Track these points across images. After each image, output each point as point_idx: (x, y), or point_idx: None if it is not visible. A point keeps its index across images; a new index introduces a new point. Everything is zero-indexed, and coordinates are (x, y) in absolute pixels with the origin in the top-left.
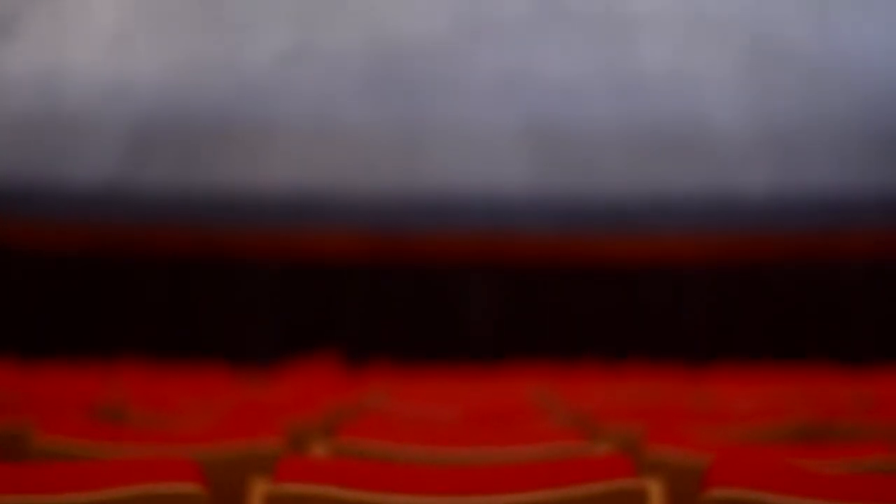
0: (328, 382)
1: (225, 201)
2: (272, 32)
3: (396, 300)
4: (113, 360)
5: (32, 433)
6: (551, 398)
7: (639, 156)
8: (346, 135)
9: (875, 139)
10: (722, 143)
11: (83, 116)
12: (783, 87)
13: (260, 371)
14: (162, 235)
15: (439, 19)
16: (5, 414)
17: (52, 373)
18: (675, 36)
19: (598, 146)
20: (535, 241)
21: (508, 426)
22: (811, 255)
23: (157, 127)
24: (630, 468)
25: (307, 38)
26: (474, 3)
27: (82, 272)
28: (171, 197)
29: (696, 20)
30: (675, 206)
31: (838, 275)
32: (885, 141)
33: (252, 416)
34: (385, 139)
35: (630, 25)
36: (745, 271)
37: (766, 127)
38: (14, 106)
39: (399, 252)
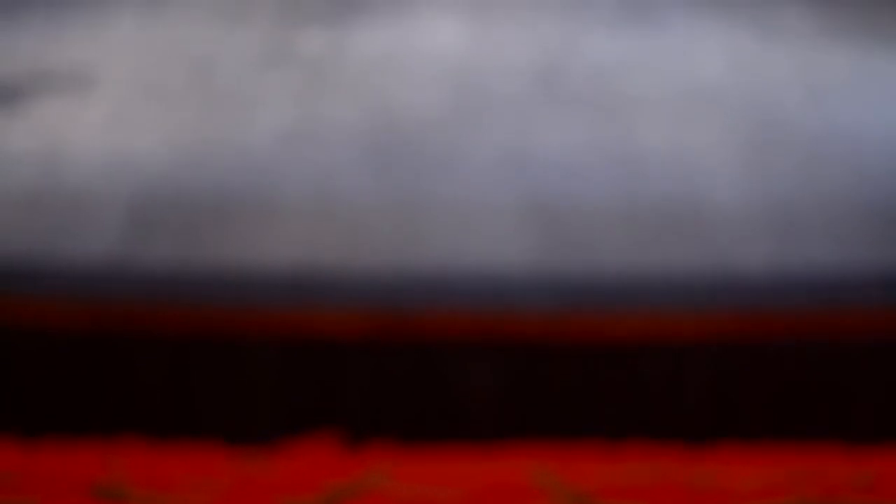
0: (328, 462)
1: (225, 279)
2: (273, 110)
3: (397, 378)
4: (113, 438)
5: None
6: (552, 477)
7: (639, 233)
8: (346, 213)
9: (874, 217)
10: (722, 221)
11: (83, 194)
12: (782, 166)
13: (260, 450)
14: (162, 313)
15: (440, 98)
16: (6, 493)
17: (53, 451)
18: (675, 116)
19: (598, 224)
20: (535, 319)
21: None
22: (811, 332)
23: (157, 204)
24: None
25: (308, 116)
26: (474, 82)
27: (82, 350)
28: (172, 274)
29: (695, 100)
30: (676, 283)
31: (839, 353)
32: (884, 218)
33: (252, 496)
34: (386, 217)
35: (630, 105)
36: (746, 349)
37: (766, 205)
38: (13, 183)
39: (399, 330)
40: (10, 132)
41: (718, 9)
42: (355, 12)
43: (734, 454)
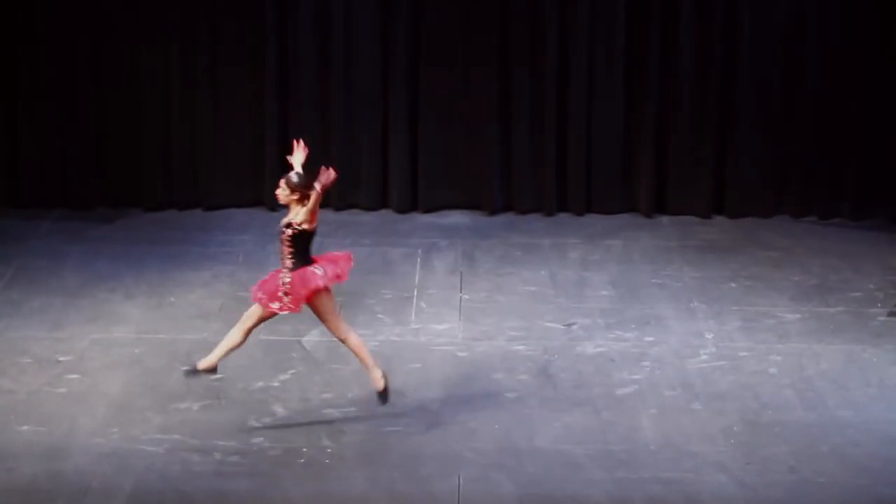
0: None
1: None
2: (271, 404)
3: None
4: None
5: None
6: None
7: None
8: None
9: None
10: None
11: (84, 487)
12: (775, 457)
13: None
14: None
15: (437, 390)
16: None
17: None
18: (668, 407)
19: None
20: None
21: None
22: None
23: (157, 498)
24: None
25: (305, 409)
26: (472, 374)
27: None
28: None
29: (687, 391)
30: None
31: None
32: None
33: None
34: None
35: (625, 396)
36: None
37: (759, 495)
38: (15, 476)
39: None
40: (13, 426)
41: (710, 302)
42: (354, 311)
43: None
